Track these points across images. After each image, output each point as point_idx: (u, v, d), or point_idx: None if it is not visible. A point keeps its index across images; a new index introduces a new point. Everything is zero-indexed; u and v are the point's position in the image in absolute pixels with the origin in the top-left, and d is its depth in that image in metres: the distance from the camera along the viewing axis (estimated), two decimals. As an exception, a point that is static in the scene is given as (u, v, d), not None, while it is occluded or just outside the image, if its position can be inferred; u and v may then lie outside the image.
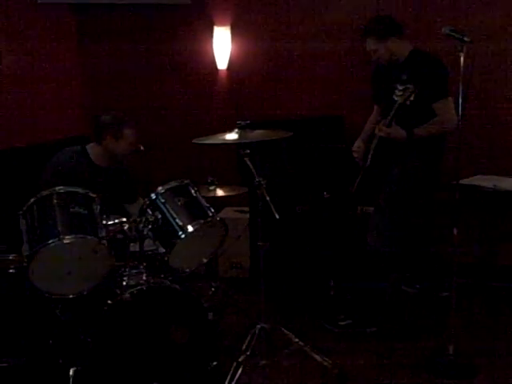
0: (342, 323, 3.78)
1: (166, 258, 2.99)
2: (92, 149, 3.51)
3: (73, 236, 2.74)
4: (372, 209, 3.88)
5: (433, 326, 3.74)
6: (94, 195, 2.95)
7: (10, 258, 3.07)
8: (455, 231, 3.20)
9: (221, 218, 3.16)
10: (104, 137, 3.45)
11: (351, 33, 4.50)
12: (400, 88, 3.49)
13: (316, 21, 4.78)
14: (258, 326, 3.26)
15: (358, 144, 3.87)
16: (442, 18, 4.36)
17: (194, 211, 3.07)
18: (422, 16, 4.49)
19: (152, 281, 2.97)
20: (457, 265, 3.23)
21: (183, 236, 2.96)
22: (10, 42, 4.53)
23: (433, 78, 3.55)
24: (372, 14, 4.18)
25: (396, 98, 3.51)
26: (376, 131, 3.64)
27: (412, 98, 3.47)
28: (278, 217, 3.05)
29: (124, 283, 2.95)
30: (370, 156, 3.69)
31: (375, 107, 3.94)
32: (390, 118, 3.54)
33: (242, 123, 3.30)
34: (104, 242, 2.81)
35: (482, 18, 4.37)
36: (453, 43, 3.10)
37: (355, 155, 3.85)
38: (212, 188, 3.87)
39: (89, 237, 2.78)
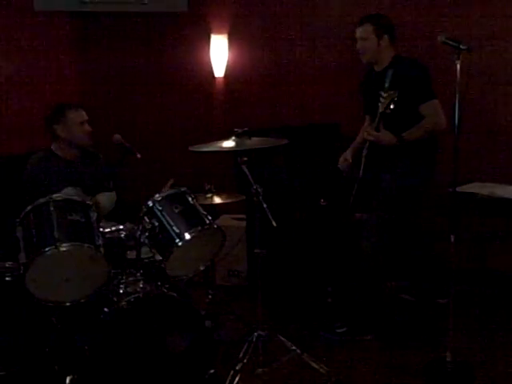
0: (339, 331, 3.77)
1: (163, 266, 2.98)
2: (55, 147, 3.57)
3: (69, 244, 2.73)
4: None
5: (431, 333, 3.73)
6: (91, 203, 2.95)
7: (7, 265, 3.06)
8: (452, 238, 3.20)
9: (218, 226, 3.15)
10: (54, 129, 3.51)
11: (348, 42, 4.50)
12: (384, 95, 3.50)
13: (313, 29, 4.80)
14: (256, 334, 3.25)
15: (344, 156, 3.88)
16: (439, 25, 4.39)
17: (191, 219, 3.06)
18: (420, 23, 4.51)
19: (149, 288, 2.97)
20: (454, 272, 3.23)
21: (180, 243, 2.95)
22: (7, 50, 4.53)
23: (415, 80, 3.56)
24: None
25: (379, 105, 3.53)
26: (365, 135, 3.65)
27: (392, 107, 3.46)
28: (275, 224, 3.05)
29: (121, 291, 2.94)
30: (362, 165, 3.69)
31: (366, 117, 3.94)
32: (375, 124, 3.55)
33: (239, 131, 3.31)
34: (101, 249, 2.81)
35: (479, 24, 4.39)
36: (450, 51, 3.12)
37: (340, 167, 3.86)
38: (209, 195, 3.87)
39: (86, 244, 2.77)
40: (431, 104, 3.58)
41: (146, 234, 2.99)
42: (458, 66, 3.06)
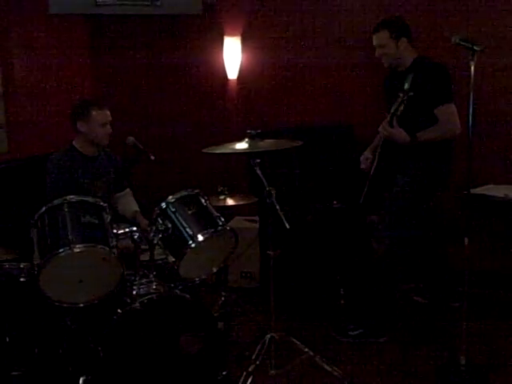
0: (353, 333, 3.76)
1: (175, 267, 2.99)
2: (76, 141, 3.63)
3: (83, 245, 2.74)
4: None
5: (444, 336, 3.72)
6: (105, 204, 2.97)
7: (21, 266, 3.08)
8: (466, 241, 3.18)
9: (231, 228, 3.16)
10: (76, 124, 3.58)
11: (361, 43, 4.50)
12: (401, 95, 3.47)
13: (326, 31, 4.79)
14: (268, 336, 3.25)
15: (366, 155, 3.86)
16: (452, 27, 4.37)
17: (204, 220, 3.07)
18: (433, 25, 4.49)
19: (162, 290, 2.98)
20: (468, 274, 3.21)
21: (193, 245, 2.96)
22: (23, 53, 4.57)
23: (433, 83, 3.54)
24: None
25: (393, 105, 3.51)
26: (380, 129, 3.63)
27: (402, 108, 3.46)
28: (288, 226, 3.05)
29: (134, 292, 2.95)
30: (374, 165, 3.68)
31: (387, 114, 3.92)
32: (388, 119, 3.54)
33: (252, 132, 3.31)
34: (114, 251, 2.82)
35: (492, 26, 4.37)
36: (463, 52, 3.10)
37: (362, 166, 3.84)
38: (222, 197, 3.88)
39: (99, 246, 2.79)
40: (446, 108, 3.54)
41: (160, 235, 3.00)
42: (473, 67, 3.04)
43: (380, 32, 3.68)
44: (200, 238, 2.97)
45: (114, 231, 2.93)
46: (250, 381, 3.11)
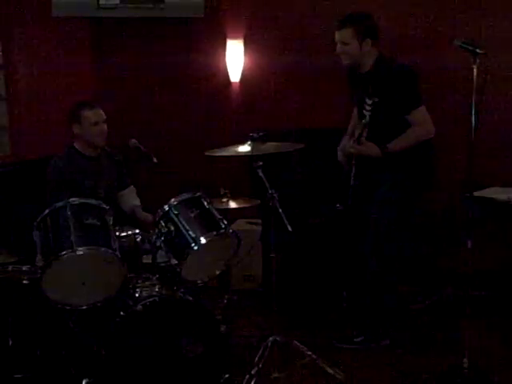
0: (358, 339, 3.72)
1: (178, 270, 2.99)
2: (76, 143, 3.66)
3: (86, 247, 2.75)
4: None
5: (447, 339, 3.71)
6: (107, 206, 2.97)
7: (24, 269, 3.09)
8: (469, 244, 3.18)
9: (233, 230, 3.16)
10: (71, 126, 3.60)
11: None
12: (368, 102, 3.43)
13: (329, 33, 4.77)
14: (271, 339, 3.25)
15: (340, 149, 3.79)
16: (454, 29, 4.37)
17: (206, 223, 3.07)
18: (435, 28, 4.49)
19: (164, 292, 2.98)
20: (471, 277, 3.21)
21: (196, 248, 2.96)
22: (25, 55, 4.58)
23: (402, 88, 3.45)
24: (386, 27, 4.16)
25: (365, 113, 3.46)
26: (347, 148, 3.60)
27: (365, 135, 3.43)
28: (290, 229, 3.05)
29: (136, 294, 2.96)
30: (352, 174, 3.60)
31: (354, 109, 3.85)
32: (357, 136, 3.51)
33: (255, 135, 3.32)
34: (117, 253, 2.82)
35: (495, 29, 4.36)
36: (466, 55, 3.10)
37: (339, 158, 3.78)
38: (225, 200, 3.87)
39: (102, 248, 2.80)
40: (419, 112, 3.46)
41: (162, 238, 3.00)
42: (475, 70, 3.03)
43: (344, 29, 3.53)
44: (203, 240, 2.97)
45: (117, 233, 2.94)
46: (252, 384, 3.11)
